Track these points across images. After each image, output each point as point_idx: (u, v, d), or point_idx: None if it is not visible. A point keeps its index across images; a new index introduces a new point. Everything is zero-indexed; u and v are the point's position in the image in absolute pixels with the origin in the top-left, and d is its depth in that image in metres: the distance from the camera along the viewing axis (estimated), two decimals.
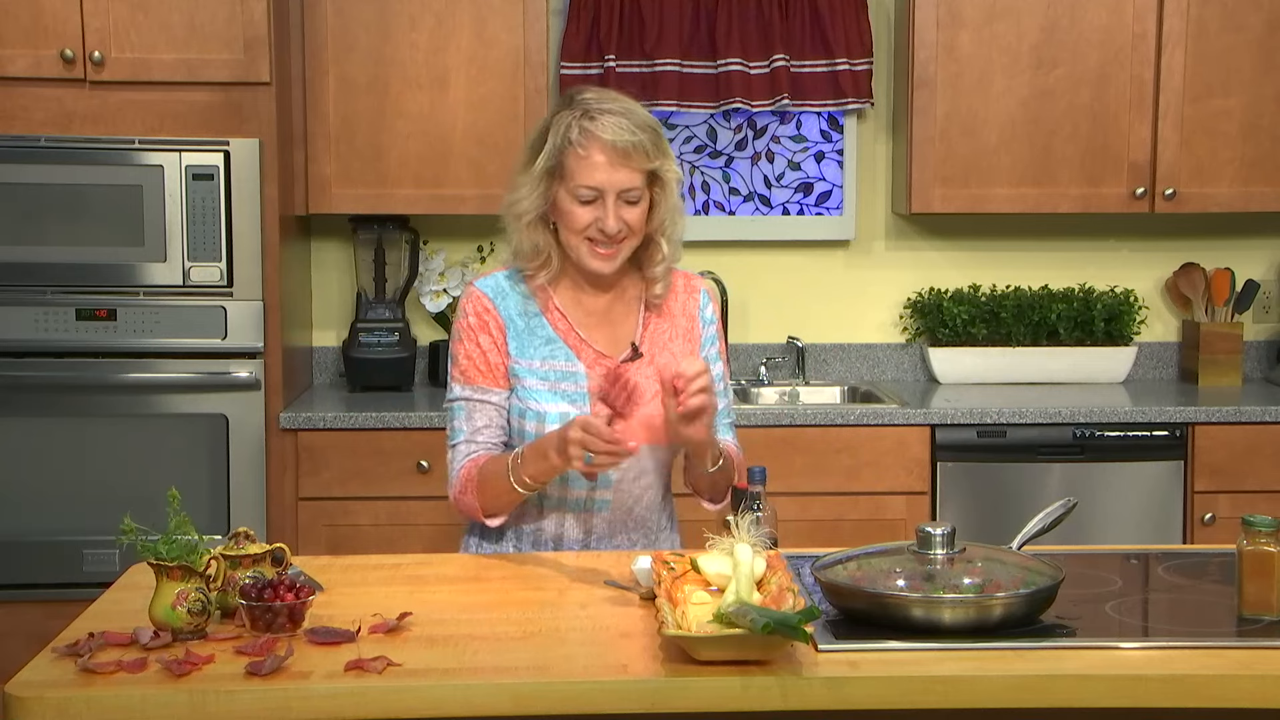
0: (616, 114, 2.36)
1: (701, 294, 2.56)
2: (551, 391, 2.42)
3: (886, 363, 4.43)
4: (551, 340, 2.45)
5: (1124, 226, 4.39)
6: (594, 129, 2.34)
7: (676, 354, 2.47)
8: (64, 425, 3.68)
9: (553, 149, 2.36)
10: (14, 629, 3.49)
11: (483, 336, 2.44)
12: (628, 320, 2.49)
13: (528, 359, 2.43)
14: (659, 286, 2.48)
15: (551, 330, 2.45)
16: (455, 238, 4.31)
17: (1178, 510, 3.84)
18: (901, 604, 1.91)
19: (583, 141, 2.34)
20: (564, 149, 2.35)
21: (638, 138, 2.35)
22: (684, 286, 2.54)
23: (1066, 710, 1.78)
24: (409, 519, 3.74)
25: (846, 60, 4.20)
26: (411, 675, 1.75)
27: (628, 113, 2.38)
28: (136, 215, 3.65)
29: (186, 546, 1.89)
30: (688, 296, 2.54)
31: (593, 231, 2.38)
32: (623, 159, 2.34)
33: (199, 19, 3.68)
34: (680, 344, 2.50)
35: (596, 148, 2.34)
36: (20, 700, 1.69)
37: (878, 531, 3.62)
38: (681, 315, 2.52)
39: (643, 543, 2.49)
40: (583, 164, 2.34)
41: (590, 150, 2.34)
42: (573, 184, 2.35)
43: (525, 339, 2.44)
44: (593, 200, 2.36)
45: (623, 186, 2.35)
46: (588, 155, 2.34)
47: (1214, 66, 4.04)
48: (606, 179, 2.34)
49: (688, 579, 2.09)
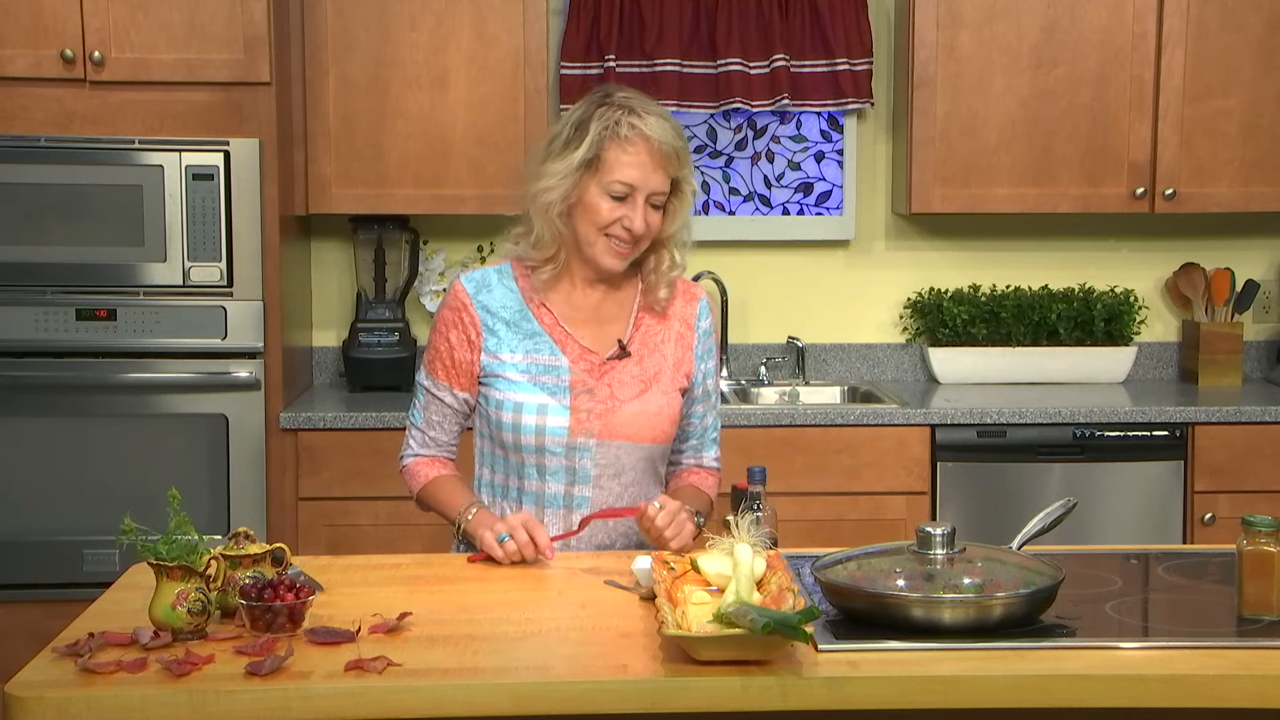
0: (660, 117, 2.39)
1: (700, 303, 2.56)
2: (532, 384, 2.42)
3: (886, 363, 4.43)
4: (536, 334, 2.45)
5: (1124, 226, 4.39)
6: (642, 126, 2.35)
7: (667, 357, 2.49)
8: (64, 425, 3.68)
9: (596, 140, 2.36)
10: (14, 629, 3.49)
11: (453, 333, 2.46)
12: (619, 319, 2.49)
13: (509, 352, 2.44)
14: (663, 292, 2.49)
15: (537, 324, 2.45)
16: (455, 238, 4.31)
17: (1178, 510, 3.84)
18: (901, 604, 1.91)
19: (630, 137, 2.35)
20: (607, 142, 2.35)
21: (677, 143, 2.39)
22: (683, 293, 2.55)
23: (1066, 710, 1.78)
24: (409, 519, 3.69)
25: (846, 60, 4.20)
26: (411, 675, 1.75)
27: (665, 116, 2.41)
28: (136, 215, 3.65)
29: (186, 546, 1.89)
30: (686, 303, 2.54)
31: (615, 229, 2.38)
32: (662, 161, 2.36)
33: (199, 19, 3.68)
34: (672, 348, 2.51)
35: (642, 145, 2.35)
36: (20, 700, 1.69)
37: (878, 531, 3.62)
38: (677, 320, 2.53)
39: (622, 543, 2.46)
40: (623, 159, 2.35)
41: (635, 147, 2.35)
42: (608, 178, 2.35)
43: (508, 332, 2.45)
44: (623, 197, 2.36)
45: (654, 189, 2.38)
46: (631, 151, 2.35)
47: (1214, 66, 4.04)
48: (643, 178, 2.36)
49: (688, 579, 2.09)
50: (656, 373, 2.47)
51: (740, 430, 3.71)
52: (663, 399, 2.46)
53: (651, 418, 2.45)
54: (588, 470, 2.42)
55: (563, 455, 2.41)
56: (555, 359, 2.44)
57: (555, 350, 2.44)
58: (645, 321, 2.51)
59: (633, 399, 2.43)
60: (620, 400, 2.43)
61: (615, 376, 2.44)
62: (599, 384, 2.43)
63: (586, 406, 2.42)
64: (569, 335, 2.45)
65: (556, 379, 2.43)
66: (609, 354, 2.45)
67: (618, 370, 2.45)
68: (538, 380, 2.42)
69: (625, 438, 2.42)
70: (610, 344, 2.46)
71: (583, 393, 2.42)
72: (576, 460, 2.42)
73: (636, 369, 2.45)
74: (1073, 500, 2.22)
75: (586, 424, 2.41)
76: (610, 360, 2.45)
